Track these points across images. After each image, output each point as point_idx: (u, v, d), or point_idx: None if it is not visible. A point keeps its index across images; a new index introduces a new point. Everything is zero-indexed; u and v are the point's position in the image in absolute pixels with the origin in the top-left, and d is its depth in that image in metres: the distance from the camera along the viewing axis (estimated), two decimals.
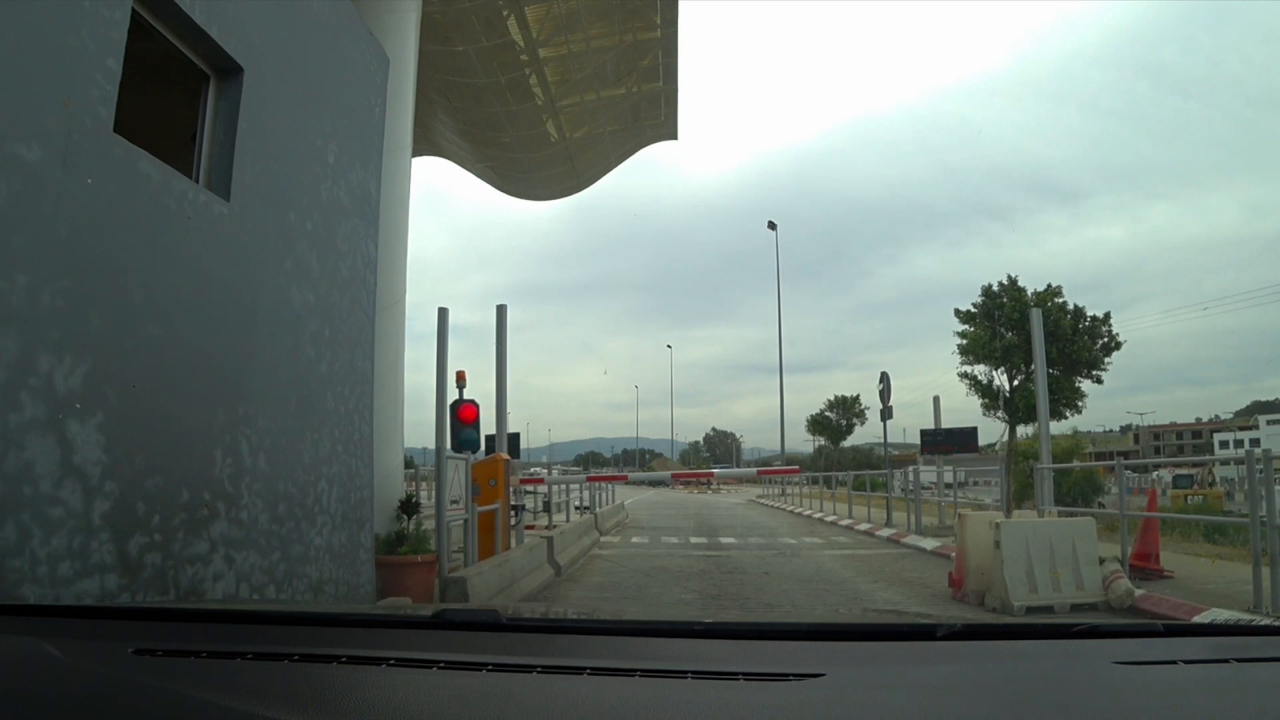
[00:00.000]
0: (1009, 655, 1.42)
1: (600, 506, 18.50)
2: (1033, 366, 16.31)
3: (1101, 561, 7.14)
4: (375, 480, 6.32)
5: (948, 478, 18.22)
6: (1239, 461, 24.62)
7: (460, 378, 9.73)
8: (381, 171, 6.54)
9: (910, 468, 17.96)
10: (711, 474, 40.00)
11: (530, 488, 14.57)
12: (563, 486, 16.62)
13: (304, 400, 5.07)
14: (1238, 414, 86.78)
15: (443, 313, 10.74)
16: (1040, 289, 22.85)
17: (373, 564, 6.05)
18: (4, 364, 2.91)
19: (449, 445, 8.98)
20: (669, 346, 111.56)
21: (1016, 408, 21.98)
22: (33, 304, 3.04)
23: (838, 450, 58.03)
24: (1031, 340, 14.24)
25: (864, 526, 16.59)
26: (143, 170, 3.68)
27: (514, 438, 14.56)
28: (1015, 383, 22.48)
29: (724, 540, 14.82)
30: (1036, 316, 13.93)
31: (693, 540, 14.79)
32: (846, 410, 58.12)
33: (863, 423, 56.35)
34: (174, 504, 3.77)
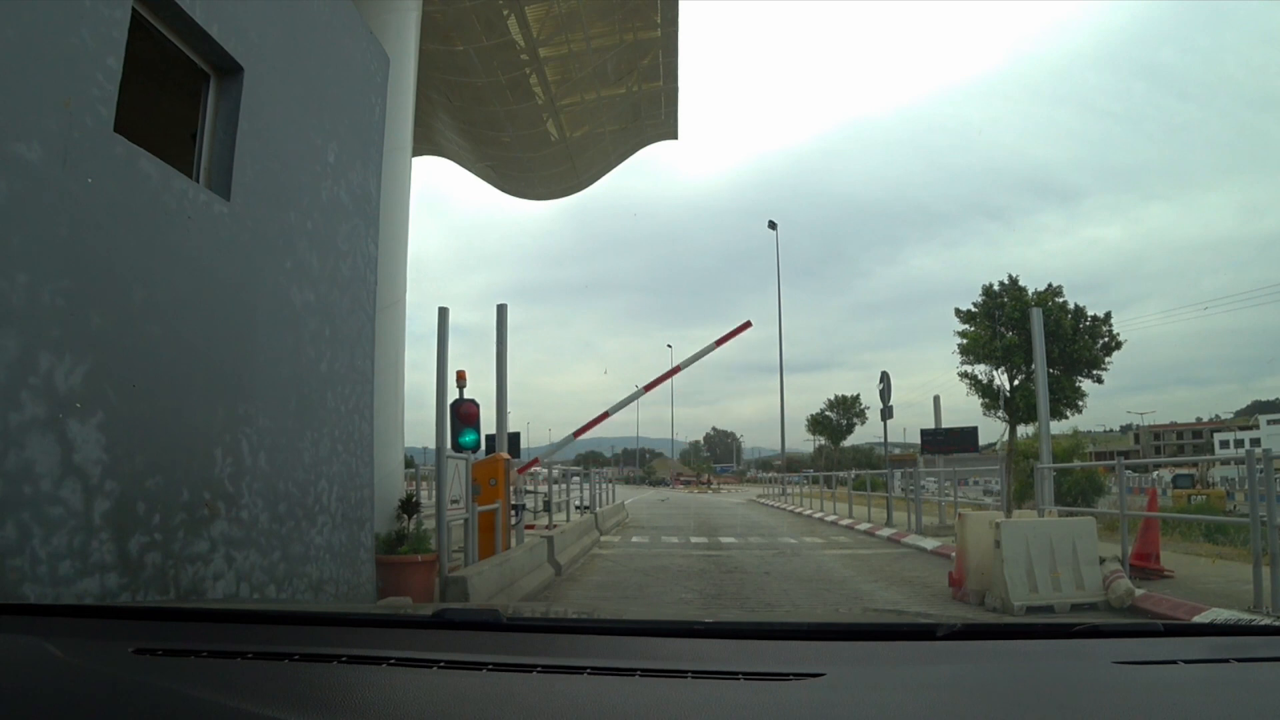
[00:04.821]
0: (1009, 655, 1.43)
1: (600, 506, 18.50)
2: (1033, 366, 16.32)
3: (1102, 561, 7.14)
4: (375, 479, 6.32)
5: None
6: (1239, 461, 24.62)
7: (460, 377, 9.73)
8: (381, 171, 6.54)
9: (908, 469, 17.97)
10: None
11: (530, 487, 14.58)
12: (563, 486, 16.62)
13: (304, 399, 5.07)
14: (1238, 414, 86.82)
15: (443, 313, 10.74)
16: (1041, 289, 22.90)
17: (373, 563, 6.05)
18: (4, 363, 2.91)
19: (449, 445, 8.98)
20: (669, 346, 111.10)
21: (1017, 407, 22.02)
22: (33, 303, 3.04)
23: (838, 450, 58.10)
24: (1032, 340, 14.25)
25: (864, 526, 16.59)
26: (143, 169, 3.68)
27: (514, 437, 14.57)
28: (1015, 382, 22.52)
29: (724, 540, 14.81)
30: (1037, 316, 13.93)
31: (693, 540, 14.79)
32: (847, 410, 58.22)
33: (863, 422, 56.53)
34: (174, 503, 3.77)
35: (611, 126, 20.78)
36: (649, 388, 13.13)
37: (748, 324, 14.28)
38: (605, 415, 13.02)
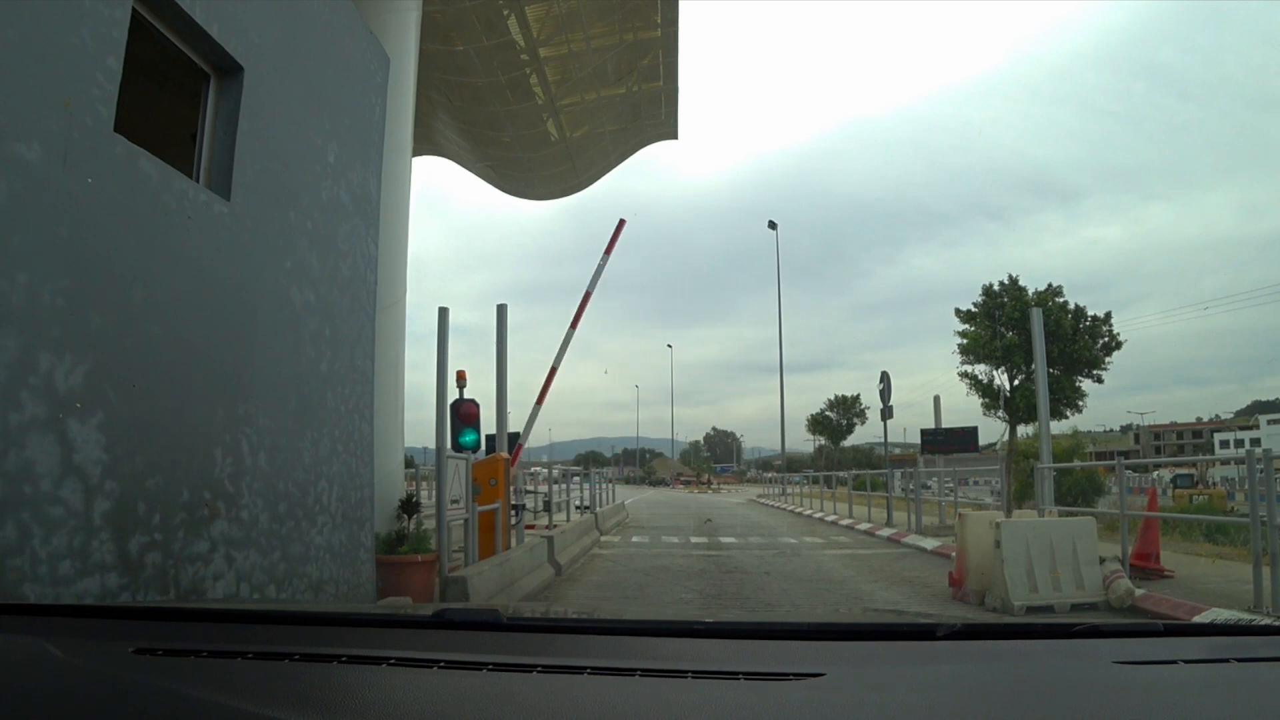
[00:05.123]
0: (1009, 655, 1.43)
1: (600, 506, 18.51)
2: (1033, 366, 16.33)
3: (1102, 561, 7.14)
4: (375, 479, 6.32)
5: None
6: (1239, 461, 24.64)
7: (460, 377, 9.72)
8: (381, 171, 6.54)
9: (908, 469, 17.98)
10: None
11: (530, 487, 14.59)
12: (563, 486, 16.63)
13: (304, 399, 5.07)
14: (1238, 414, 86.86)
15: (443, 313, 10.73)
16: (1041, 289, 22.91)
17: (373, 563, 6.05)
18: (4, 363, 2.91)
19: (449, 445, 8.98)
20: (669, 346, 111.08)
21: (1017, 407, 22.03)
22: (33, 303, 3.04)
23: (838, 450, 58.14)
24: (1032, 340, 14.25)
25: (864, 526, 16.59)
26: (143, 169, 3.68)
27: (514, 437, 14.57)
28: (1015, 382, 22.52)
29: (724, 540, 14.81)
30: (1037, 316, 13.93)
31: (693, 540, 14.79)
32: (847, 410, 58.26)
33: (863, 422, 56.59)
34: (174, 503, 3.77)
35: (611, 126, 20.78)
36: (574, 324, 13.20)
37: (623, 221, 14.34)
38: (554, 371, 13.11)
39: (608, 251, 13.74)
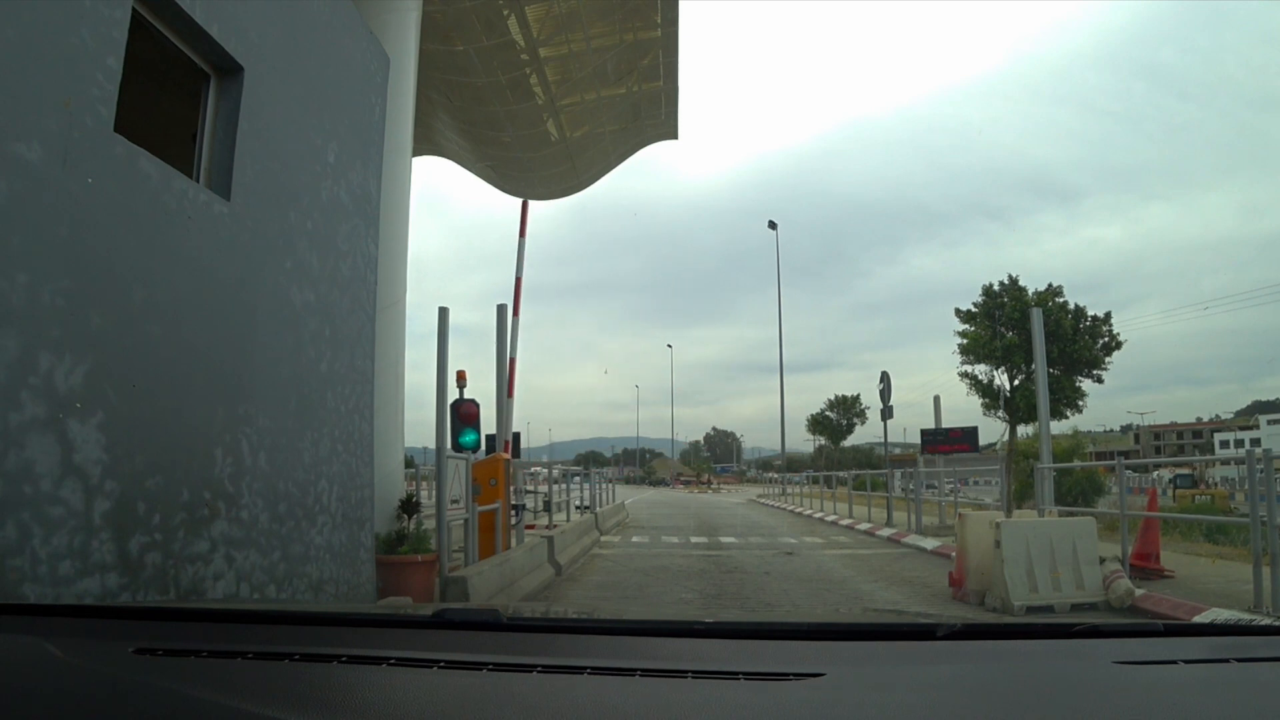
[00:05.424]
0: (1009, 655, 1.43)
1: (600, 506, 18.51)
2: (1033, 366, 16.32)
3: (1102, 561, 7.14)
4: (375, 480, 6.32)
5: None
6: (1239, 461, 24.65)
7: (460, 377, 9.71)
8: (381, 171, 6.54)
9: (909, 469, 17.97)
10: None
11: (530, 487, 14.61)
12: (563, 486, 16.63)
13: (304, 399, 5.07)
14: (1238, 414, 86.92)
15: (443, 313, 10.70)
16: (1041, 289, 22.90)
17: (373, 563, 6.05)
18: (4, 363, 2.91)
19: (449, 445, 8.97)
20: (669, 346, 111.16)
21: (1017, 407, 22.00)
22: (33, 303, 3.04)
23: (838, 450, 58.14)
24: (1032, 340, 14.25)
25: (864, 526, 16.59)
26: (143, 169, 3.68)
27: (515, 437, 14.57)
28: (1015, 382, 22.50)
29: (724, 540, 14.82)
30: (1037, 316, 13.93)
31: (693, 540, 14.79)
32: (847, 410, 58.25)
33: (863, 422, 56.58)
34: (174, 503, 3.77)
35: (611, 126, 20.76)
36: (515, 311, 13.42)
37: (526, 203, 14.68)
38: (513, 362, 13.32)
39: (521, 234, 14.04)
